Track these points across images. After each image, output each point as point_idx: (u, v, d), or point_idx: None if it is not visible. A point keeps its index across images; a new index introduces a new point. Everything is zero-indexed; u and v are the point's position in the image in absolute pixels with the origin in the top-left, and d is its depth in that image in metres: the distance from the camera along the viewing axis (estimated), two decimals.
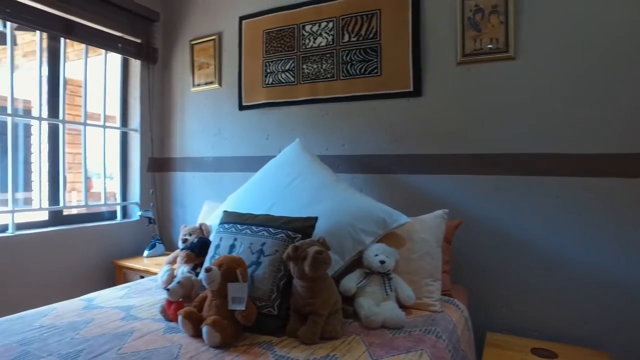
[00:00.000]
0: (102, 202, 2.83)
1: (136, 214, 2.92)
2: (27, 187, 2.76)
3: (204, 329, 1.29)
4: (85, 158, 2.71)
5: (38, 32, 2.45)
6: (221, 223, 1.74)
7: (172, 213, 3.05)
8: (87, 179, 2.83)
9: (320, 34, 2.44)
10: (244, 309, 1.34)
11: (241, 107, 2.70)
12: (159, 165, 3.06)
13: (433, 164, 2.14)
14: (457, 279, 2.02)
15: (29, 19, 2.31)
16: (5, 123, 2.31)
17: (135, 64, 2.97)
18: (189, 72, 2.94)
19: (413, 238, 1.79)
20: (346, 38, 2.35)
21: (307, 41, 2.48)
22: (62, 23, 2.45)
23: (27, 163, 2.77)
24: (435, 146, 2.13)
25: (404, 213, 1.80)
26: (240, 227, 1.62)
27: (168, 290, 1.49)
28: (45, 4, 2.34)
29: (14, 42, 4.25)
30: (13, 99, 2.31)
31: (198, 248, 1.80)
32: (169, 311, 1.50)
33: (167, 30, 3.08)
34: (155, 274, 2.42)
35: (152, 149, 3.00)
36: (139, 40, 2.91)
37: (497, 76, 1.98)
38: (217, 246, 1.64)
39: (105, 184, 2.83)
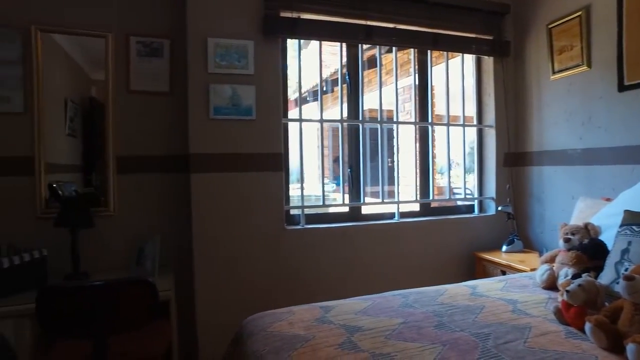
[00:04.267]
0: (462, 196, 3.04)
1: (492, 208, 2.98)
2: (389, 181, 3.28)
3: (631, 348, 1.13)
4: (449, 156, 2.97)
5: (412, 50, 2.86)
6: (627, 225, 1.50)
7: (528, 209, 2.94)
8: (432, 174, 3.09)
9: None
10: None
11: (621, 88, 2.28)
12: (515, 160, 3.01)
13: None
14: None
15: (408, 41, 2.73)
16: (383, 130, 2.81)
17: (488, 61, 3.02)
18: (546, 59, 2.74)
19: None
20: None
21: None
22: (430, 38, 2.76)
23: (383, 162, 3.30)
24: None
25: None
26: None
27: (568, 292, 1.40)
28: (420, 25, 2.72)
29: (380, 63, 5.14)
30: (397, 110, 2.81)
31: (591, 250, 1.62)
32: (567, 314, 1.42)
33: (518, 20, 2.97)
34: (518, 270, 2.39)
35: (508, 144, 2.98)
36: (490, 37, 2.94)
37: None
38: (625, 251, 1.43)
39: (465, 179, 3.03)
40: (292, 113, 3.53)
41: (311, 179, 2.53)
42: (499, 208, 2.82)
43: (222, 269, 2.32)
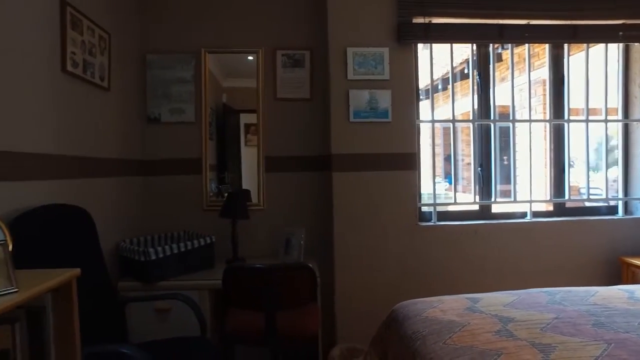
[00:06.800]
0: (604, 196, 2.85)
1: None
2: (506, 180, 3.16)
3: None
4: (588, 154, 2.80)
5: (547, 45, 2.77)
6: None
7: None
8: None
9: None
10: None
11: None
12: None
13: None
14: None
15: (543, 36, 2.65)
16: (504, 128, 2.77)
17: (638, 48, 2.78)
18: None
19: None
20: None
21: None
22: (568, 31, 2.64)
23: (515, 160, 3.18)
24: None
25: None
26: None
27: None
28: (556, 19, 2.62)
29: (499, 59, 4.97)
30: (530, 107, 2.73)
31: None
32: None
33: None
34: None
35: None
36: None
37: None
38: None
39: (607, 179, 2.83)
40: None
41: (425, 177, 2.55)
42: None
43: (358, 260, 2.52)
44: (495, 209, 2.81)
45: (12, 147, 1.51)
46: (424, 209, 2.70)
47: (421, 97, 4.10)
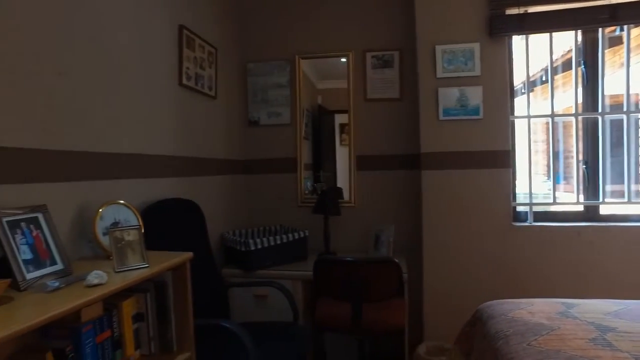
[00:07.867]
0: None
1: None
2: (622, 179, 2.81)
3: None
4: None
5: None
6: None
7: None
8: None
9: None
10: None
11: None
12: None
13: None
14: None
15: None
16: (619, 121, 2.48)
17: None
18: None
19: None
20: None
21: None
22: None
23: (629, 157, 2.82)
24: None
25: None
26: None
27: None
28: None
29: (618, 42, 4.46)
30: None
31: None
32: None
33: None
34: None
35: None
36: None
37: None
38: None
39: None
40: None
41: (523, 176, 2.37)
42: None
43: (448, 257, 2.49)
44: (605, 210, 2.56)
45: (144, 150, 1.82)
46: (520, 208, 2.57)
47: (522, 91, 3.88)
